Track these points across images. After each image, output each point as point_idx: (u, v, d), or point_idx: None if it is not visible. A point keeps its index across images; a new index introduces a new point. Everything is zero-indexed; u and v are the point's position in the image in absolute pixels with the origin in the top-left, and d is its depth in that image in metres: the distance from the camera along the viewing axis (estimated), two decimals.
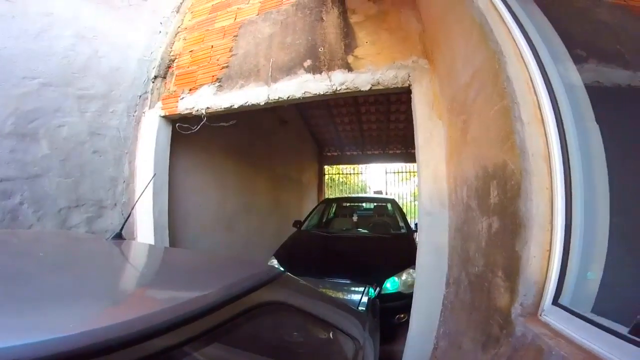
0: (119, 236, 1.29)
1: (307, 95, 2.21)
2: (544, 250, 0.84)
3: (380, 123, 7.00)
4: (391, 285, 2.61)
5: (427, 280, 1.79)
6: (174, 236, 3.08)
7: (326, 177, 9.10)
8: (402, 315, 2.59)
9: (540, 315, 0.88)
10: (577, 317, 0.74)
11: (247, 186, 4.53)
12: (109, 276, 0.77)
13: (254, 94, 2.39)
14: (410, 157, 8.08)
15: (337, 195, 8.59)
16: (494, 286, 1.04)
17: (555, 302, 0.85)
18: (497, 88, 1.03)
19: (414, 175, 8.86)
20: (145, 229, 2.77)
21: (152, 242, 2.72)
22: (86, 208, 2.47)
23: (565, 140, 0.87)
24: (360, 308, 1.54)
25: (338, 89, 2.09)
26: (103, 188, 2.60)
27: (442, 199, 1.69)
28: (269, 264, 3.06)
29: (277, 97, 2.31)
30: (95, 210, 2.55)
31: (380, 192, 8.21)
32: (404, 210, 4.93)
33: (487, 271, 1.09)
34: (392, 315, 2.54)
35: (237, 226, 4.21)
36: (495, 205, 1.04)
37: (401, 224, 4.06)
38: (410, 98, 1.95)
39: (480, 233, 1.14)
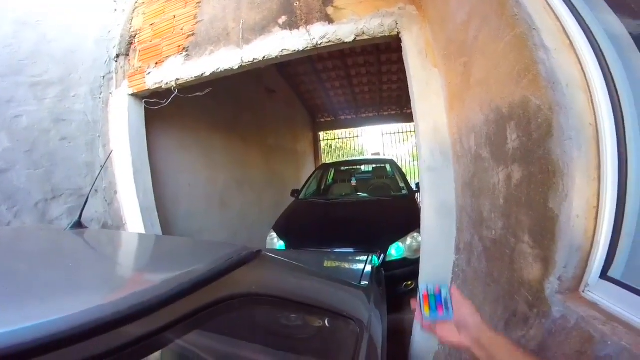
0: (78, 224, 1.12)
1: (285, 53, 2.01)
2: (591, 207, 0.64)
3: (372, 85, 6.67)
4: (396, 251, 2.48)
5: (433, 246, 1.63)
6: (165, 218, 2.93)
7: (322, 143, 8.81)
8: (410, 283, 2.49)
9: (584, 292, 0.69)
10: (636, 294, 0.55)
11: (237, 160, 4.33)
12: (62, 268, 0.66)
13: (226, 59, 2.20)
14: (406, 117, 7.81)
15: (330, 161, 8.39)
16: (519, 254, 0.85)
17: (604, 275, 0.66)
18: (505, 17, 0.83)
19: (412, 135, 8.58)
20: (132, 214, 2.64)
21: (142, 226, 2.59)
22: (65, 198, 2.34)
23: (608, 67, 0.65)
24: (363, 281, 1.38)
25: (319, 42, 1.88)
26: (79, 175, 2.47)
27: (445, 151, 1.47)
28: (268, 238, 2.93)
29: (251, 59, 2.12)
30: (76, 200, 2.43)
31: (378, 154, 7.97)
32: (404, 171, 4.73)
33: (508, 235, 0.89)
34: (398, 283, 2.43)
35: (231, 202, 4.06)
36: (515, 150, 0.82)
37: (401, 184, 3.88)
38: (401, 51, 1.77)
39: (497, 187, 0.93)
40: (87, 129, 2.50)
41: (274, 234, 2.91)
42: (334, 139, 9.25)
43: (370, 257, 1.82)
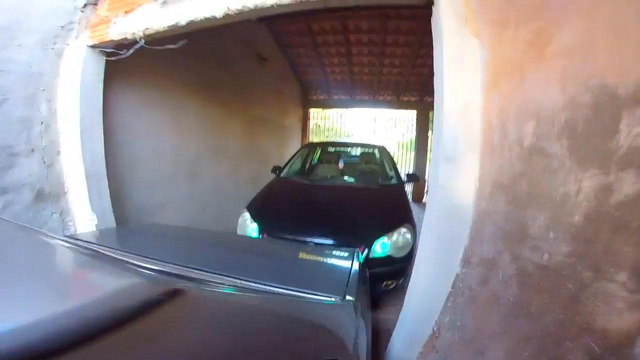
0: None
1: (285, 1, 1.57)
2: None
3: (372, 66, 6.24)
4: (381, 247, 2.22)
5: (432, 252, 1.35)
6: (119, 187, 2.51)
7: (311, 121, 8.38)
8: (390, 282, 2.26)
9: None
10: None
11: (215, 127, 3.88)
12: None
13: (208, 6, 1.77)
14: (401, 104, 7.52)
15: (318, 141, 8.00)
16: (596, 294, 0.60)
17: None
18: None
19: (400, 124, 8.34)
20: (76, 180, 2.21)
21: (86, 196, 2.18)
22: None
23: None
24: (349, 295, 1.08)
25: None
26: (11, 131, 2.04)
27: (472, 140, 1.16)
28: (240, 219, 2.59)
29: (240, 7, 1.69)
30: (3, 159, 2.02)
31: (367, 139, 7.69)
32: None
33: (580, 266, 0.62)
34: (379, 281, 2.20)
35: (203, 173, 3.65)
36: (635, 150, 0.51)
37: (391, 173, 3.62)
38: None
39: (572, 198, 0.65)
40: (28, 81, 2.08)
41: (247, 215, 2.58)
42: (324, 118, 8.81)
43: (355, 254, 1.55)
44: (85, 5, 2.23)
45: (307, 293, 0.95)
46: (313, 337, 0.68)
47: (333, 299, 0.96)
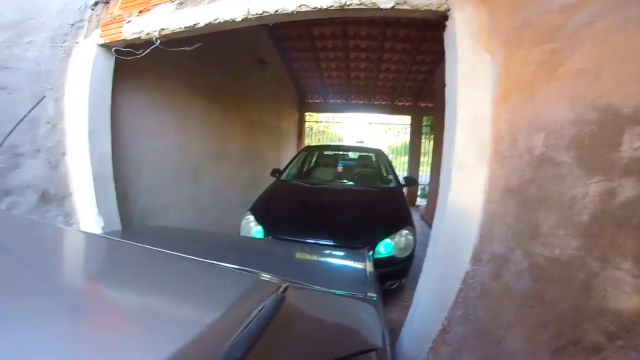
0: None
1: (304, 9, 1.64)
2: None
3: (369, 72, 6.39)
4: (385, 248, 2.31)
5: (444, 252, 1.45)
6: (124, 189, 2.52)
7: (306, 125, 8.48)
8: (393, 282, 2.36)
9: None
10: None
11: (216, 131, 3.91)
12: None
13: (228, 8, 1.80)
14: (395, 109, 7.69)
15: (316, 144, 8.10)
16: (605, 281, 0.70)
17: None
18: None
19: (390, 128, 8.52)
20: (82, 182, 2.21)
21: (93, 198, 2.18)
22: None
23: None
24: (369, 292, 1.16)
25: (348, 3, 1.53)
26: (16, 131, 2.01)
27: (482, 149, 1.27)
28: (243, 221, 2.63)
29: (260, 12, 1.73)
30: (8, 160, 1.98)
31: (362, 142, 7.84)
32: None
33: (589, 258, 0.72)
34: (382, 281, 2.28)
35: (205, 176, 3.67)
36: (636, 161, 0.62)
37: (390, 176, 3.72)
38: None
39: (579, 201, 0.75)
40: (36, 79, 2.05)
41: (251, 217, 2.62)
42: (317, 122, 8.93)
43: (367, 254, 1.62)
44: (96, 4, 2.24)
45: (341, 291, 1.02)
46: (361, 328, 0.77)
47: (361, 296, 1.04)
